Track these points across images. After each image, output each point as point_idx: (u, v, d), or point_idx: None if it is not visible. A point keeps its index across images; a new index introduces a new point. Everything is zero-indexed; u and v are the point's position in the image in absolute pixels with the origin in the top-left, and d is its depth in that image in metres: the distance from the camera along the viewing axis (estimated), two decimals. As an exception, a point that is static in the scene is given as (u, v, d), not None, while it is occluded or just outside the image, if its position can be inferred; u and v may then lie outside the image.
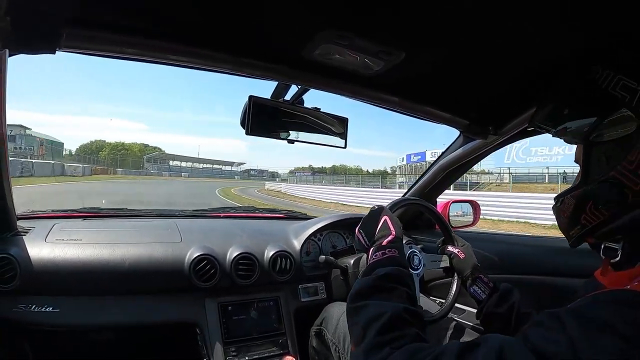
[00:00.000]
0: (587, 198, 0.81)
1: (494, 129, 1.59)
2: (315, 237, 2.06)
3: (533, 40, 0.95)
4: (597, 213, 0.80)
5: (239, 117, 1.31)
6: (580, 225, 0.84)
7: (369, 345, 0.80)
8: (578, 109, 0.85)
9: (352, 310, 0.93)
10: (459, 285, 1.41)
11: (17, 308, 1.41)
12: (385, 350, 0.77)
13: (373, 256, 1.07)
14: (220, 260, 1.68)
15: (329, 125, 1.46)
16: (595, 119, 0.80)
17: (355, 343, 0.86)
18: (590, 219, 0.81)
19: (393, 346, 0.77)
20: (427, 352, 0.72)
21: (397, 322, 0.83)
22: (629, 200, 0.74)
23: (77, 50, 0.97)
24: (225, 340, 1.63)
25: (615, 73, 0.76)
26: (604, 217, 0.79)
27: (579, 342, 0.58)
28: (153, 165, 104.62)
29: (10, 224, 1.55)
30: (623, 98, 0.74)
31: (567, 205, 0.87)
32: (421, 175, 2.21)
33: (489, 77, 1.23)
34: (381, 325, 0.82)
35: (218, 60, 1.09)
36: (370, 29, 0.95)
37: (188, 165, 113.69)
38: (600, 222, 0.80)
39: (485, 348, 0.66)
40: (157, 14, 0.92)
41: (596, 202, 0.79)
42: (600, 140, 0.81)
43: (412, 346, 0.76)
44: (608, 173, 0.77)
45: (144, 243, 1.68)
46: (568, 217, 0.87)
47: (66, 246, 1.54)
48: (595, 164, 0.82)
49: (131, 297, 1.57)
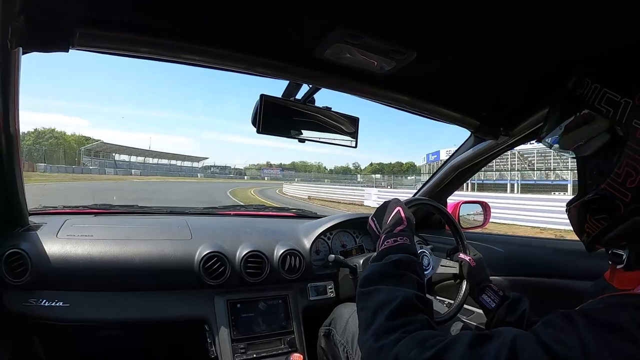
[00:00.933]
0: (585, 210, 0.82)
1: (505, 129, 1.57)
2: (325, 236, 2.06)
3: (545, 41, 0.95)
4: (596, 223, 0.80)
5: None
6: (586, 233, 0.84)
7: (379, 329, 0.80)
8: (569, 125, 0.84)
9: (361, 294, 0.93)
10: (467, 289, 1.40)
11: (27, 302, 1.43)
12: (396, 335, 0.76)
13: (385, 242, 1.06)
14: (230, 258, 1.68)
15: (340, 125, 1.46)
16: (583, 135, 0.81)
17: (364, 327, 0.86)
18: (592, 227, 0.81)
19: (404, 330, 0.77)
20: (439, 339, 0.72)
21: (408, 307, 0.83)
22: (622, 212, 0.74)
23: (90, 49, 0.98)
24: (234, 338, 1.63)
25: (602, 86, 0.76)
26: (603, 227, 0.79)
27: (591, 345, 0.58)
28: (93, 160, 79.38)
29: (22, 219, 1.57)
30: (607, 112, 0.74)
31: (572, 215, 0.88)
32: (432, 175, 2.20)
33: (500, 77, 1.22)
34: (392, 310, 0.82)
35: (230, 59, 1.10)
36: (382, 29, 0.95)
37: (139, 161, 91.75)
38: (601, 231, 0.80)
39: (499, 340, 0.66)
40: (170, 13, 0.93)
41: (592, 213, 0.80)
42: (590, 155, 0.82)
43: (424, 332, 0.76)
44: (599, 186, 0.77)
45: (154, 240, 1.69)
46: (575, 226, 0.88)
47: (77, 242, 1.55)
48: (588, 177, 0.83)
49: (141, 293, 1.58)
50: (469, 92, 1.38)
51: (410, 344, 0.73)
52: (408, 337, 0.75)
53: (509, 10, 0.84)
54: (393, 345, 0.75)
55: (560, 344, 0.60)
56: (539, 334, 0.64)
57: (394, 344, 0.75)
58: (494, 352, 0.64)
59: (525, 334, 0.66)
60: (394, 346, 0.75)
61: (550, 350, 0.60)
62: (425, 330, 0.78)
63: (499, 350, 0.64)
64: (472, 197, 2.72)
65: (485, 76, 1.22)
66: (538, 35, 0.93)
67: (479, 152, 1.82)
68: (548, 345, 0.61)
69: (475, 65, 1.14)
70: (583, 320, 0.62)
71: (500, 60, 1.09)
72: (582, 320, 0.63)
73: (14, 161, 1.28)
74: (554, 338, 0.62)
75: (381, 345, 0.77)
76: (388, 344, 0.76)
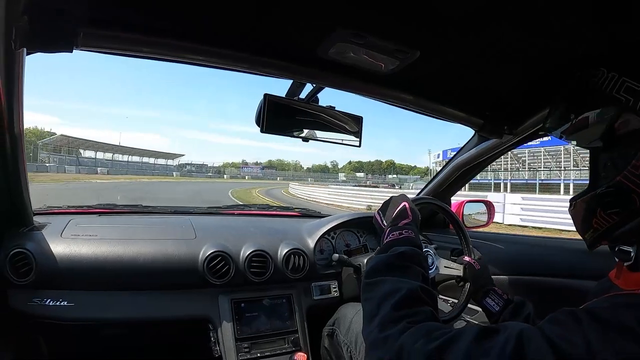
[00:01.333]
0: (596, 204, 0.80)
1: (509, 128, 1.57)
2: (329, 236, 2.06)
3: (545, 41, 0.94)
4: (607, 217, 0.78)
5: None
6: (593, 229, 0.82)
7: (384, 319, 0.80)
8: (582, 114, 0.82)
9: (367, 285, 0.93)
10: (471, 292, 1.39)
11: (32, 302, 1.43)
12: (401, 325, 0.76)
13: (390, 235, 1.06)
14: (234, 257, 1.69)
15: (344, 124, 1.46)
16: (599, 124, 0.78)
17: (369, 318, 0.85)
18: (601, 223, 0.79)
19: (409, 321, 0.77)
20: (444, 332, 0.72)
21: (413, 299, 0.83)
22: (637, 206, 0.72)
23: (94, 49, 0.98)
24: (238, 337, 1.63)
25: (620, 75, 0.74)
26: (614, 221, 0.77)
27: (596, 343, 0.58)
28: (53, 156, 71.50)
29: (27, 219, 1.57)
30: (627, 101, 0.72)
31: (579, 210, 0.85)
32: (436, 174, 2.20)
33: (504, 76, 1.22)
34: (397, 301, 0.82)
35: (234, 59, 1.10)
36: (385, 28, 0.94)
37: (107, 158, 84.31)
38: (611, 226, 0.78)
39: (505, 334, 0.66)
40: (173, 13, 0.93)
41: (604, 207, 0.78)
42: (605, 146, 0.79)
43: (429, 324, 0.76)
44: (614, 178, 0.75)
45: (158, 239, 1.69)
46: (581, 221, 0.86)
47: (81, 242, 1.56)
48: (602, 169, 0.81)
49: (145, 292, 1.59)
50: (472, 91, 1.38)
51: (416, 334, 0.73)
52: (413, 327, 0.75)
53: (509, 10, 0.83)
54: (398, 335, 0.75)
55: (565, 341, 0.60)
56: (545, 330, 0.64)
57: (399, 335, 0.75)
58: (500, 345, 0.64)
59: (532, 329, 0.66)
60: (399, 336, 0.75)
61: (556, 346, 0.60)
62: (432, 322, 0.78)
63: (504, 344, 0.64)
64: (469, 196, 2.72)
65: (487, 75, 1.22)
66: (538, 35, 0.92)
67: (483, 151, 1.82)
68: (553, 342, 0.61)
69: (477, 65, 1.14)
70: (588, 319, 0.62)
71: (501, 60, 1.09)
72: (587, 318, 0.63)
73: (19, 161, 1.28)
74: (559, 335, 0.62)
75: (386, 336, 0.77)
76: (393, 335, 0.76)
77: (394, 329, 0.76)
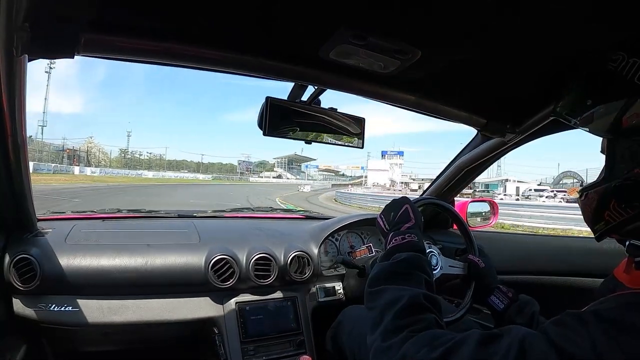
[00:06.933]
0: (610, 195, 0.77)
1: (512, 127, 1.56)
2: (333, 238, 2.06)
3: (551, 37, 0.94)
4: (620, 211, 0.75)
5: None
6: (605, 221, 0.79)
7: (386, 328, 0.80)
8: (600, 99, 0.79)
9: (369, 294, 0.93)
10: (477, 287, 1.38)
11: (36, 307, 1.44)
12: (404, 334, 0.76)
13: (392, 241, 1.06)
14: (238, 261, 1.69)
15: (346, 126, 1.45)
16: (618, 111, 0.75)
17: (372, 327, 0.85)
18: (614, 216, 0.77)
19: (411, 330, 0.77)
20: (447, 338, 0.71)
21: (416, 307, 0.83)
22: None
23: (96, 55, 0.98)
24: (243, 340, 1.64)
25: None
26: (628, 215, 0.75)
27: (602, 344, 0.58)
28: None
29: (31, 225, 1.58)
30: None
31: (591, 201, 0.82)
32: (439, 174, 2.19)
33: (506, 74, 1.21)
34: (399, 310, 0.81)
35: (236, 63, 1.10)
36: (386, 29, 0.94)
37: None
38: (624, 220, 0.76)
39: (509, 338, 0.66)
40: (174, 17, 0.93)
41: (619, 200, 0.75)
42: (624, 134, 0.76)
43: (432, 332, 0.76)
44: (632, 170, 0.73)
45: (162, 244, 1.70)
46: (592, 213, 0.83)
47: (85, 248, 1.56)
48: (620, 159, 0.78)
49: (150, 297, 1.59)
50: (474, 91, 1.37)
51: (418, 343, 0.73)
52: (416, 336, 0.75)
53: (513, 8, 0.83)
54: (400, 344, 0.75)
55: (570, 343, 0.60)
56: (549, 333, 0.64)
57: (401, 344, 0.75)
58: (503, 350, 0.64)
59: (535, 333, 0.66)
60: (401, 346, 0.75)
61: (560, 349, 0.60)
62: (435, 329, 0.78)
63: (508, 349, 0.64)
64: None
65: (489, 74, 1.21)
66: (541, 32, 0.92)
67: (486, 151, 1.80)
68: (557, 344, 0.60)
69: (481, 63, 1.13)
70: (594, 320, 0.62)
71: (505, 58, 1.09)
72: (592, 319, 0.62)
73: (22, 167, 1.29)
74: (564, 337, 0.61)
75: (389, 345, 0.77)
76: (396, 344, 0.76)
77: (396, 338, 0.77)
